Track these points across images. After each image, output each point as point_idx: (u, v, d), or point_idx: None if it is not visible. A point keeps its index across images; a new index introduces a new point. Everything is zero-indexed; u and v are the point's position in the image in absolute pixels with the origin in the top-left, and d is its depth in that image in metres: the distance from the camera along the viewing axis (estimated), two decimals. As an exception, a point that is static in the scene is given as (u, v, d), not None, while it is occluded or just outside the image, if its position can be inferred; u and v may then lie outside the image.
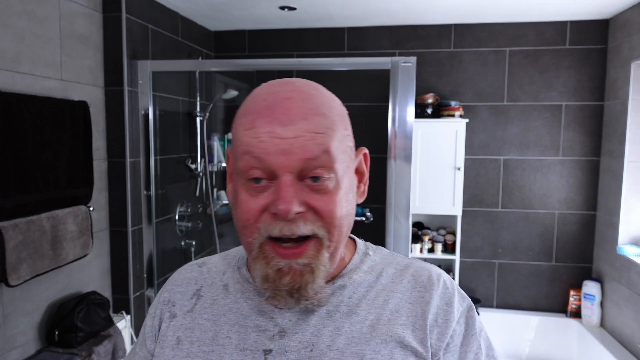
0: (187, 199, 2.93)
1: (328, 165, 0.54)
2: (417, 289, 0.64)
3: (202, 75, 3.01)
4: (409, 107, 2.14)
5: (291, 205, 0.53)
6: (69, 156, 1.94)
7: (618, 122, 2.76)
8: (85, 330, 1.95)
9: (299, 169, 0.54)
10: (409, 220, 2.19)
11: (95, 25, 2.21)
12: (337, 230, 0.57)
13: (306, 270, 0.56)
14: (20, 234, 1.67)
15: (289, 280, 0.56)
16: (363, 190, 0.64)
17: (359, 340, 0.59)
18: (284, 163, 0.53)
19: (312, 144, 0.53)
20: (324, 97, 0.58)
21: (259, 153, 0.53)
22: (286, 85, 0.57)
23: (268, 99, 0.55)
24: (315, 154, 0.53)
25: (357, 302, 0.62)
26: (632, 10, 2.65)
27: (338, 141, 0.56)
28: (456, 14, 2.88)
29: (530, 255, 3.16)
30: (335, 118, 0.57)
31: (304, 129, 0.53)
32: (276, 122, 0.53)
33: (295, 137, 0.53)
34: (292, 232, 0.54)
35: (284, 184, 0.53)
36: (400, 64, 2.13)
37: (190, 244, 2.91)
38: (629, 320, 2.65)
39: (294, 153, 0.53)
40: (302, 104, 0.55)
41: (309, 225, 0.55)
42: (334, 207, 0.55)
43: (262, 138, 0.53)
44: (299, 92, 0.56)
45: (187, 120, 2.96)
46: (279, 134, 0.53)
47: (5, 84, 1.71)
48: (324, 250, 0.56)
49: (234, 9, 2.83)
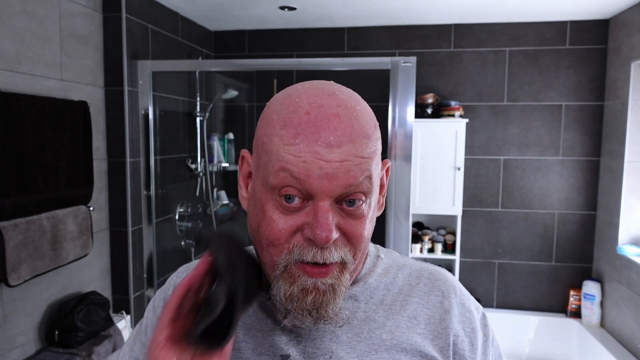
0: (187, 199, 2.93)
1: (368, 190, 0.52)
2: (434, 293, 0.63)
3: (202, 75, 3.01)
4: (409, 107, 2.14)
5: (331, 234, 0.50)
6: (69, 156, 1.94)
7: (618, 122, 2.76)
8: (85, 330, 1.95)
9: (339, 194, 0.51)
10: (409, 220, 2.19)
11: (95, 25, 2.21)
12: (361, 252, 0.56)
13: (329, 290, 0.54)
14: (20, 234, 1.67)
15: (312, 299, 0.53)
16: (382, 203, 0.62)
17: (379, 348, 0.58)
18: (326, 187, 0.50)
19: (358, 169, 0.50)
20: (367, 113, 0.54)
21: (299, 174, 0.50)
22: (331, 99, 0.52)
23: (312, 112, 0.51)
24: (359, 180, 0.51)
25: (374, 308, 0.61)
26: (632, 10, 2.65)
27: (377, 163, 0.54)
28: (456, 14, 2.88)
29: (530, 255, 3.16)
30: (376, 138, 0.54)
31: (351, 153, 0.50)
32: (322, 142, 0.49)
33: (341, 162, 0.49)
34: (324, 260, 0.52)
35: (323, 209, 0.50)
36: (400, 64, 2.13)
37: (190, 244, 2.91)
38: (629, 320, 2.65)
39: (338, 178, 0.50)
40: (349, 124, 0.51)
41: (339, 251, 0.53)
42: (363, 232, 0.54)
43: (304, 158, 0.49)
44: (345, 109, 0.52)
45: (187, 120, 2.96)
46: (323, 156, 0.49)
47: (6, 84, 1.71)
48: (346, 272, 0.55)
49: (234, 9, 2.83)
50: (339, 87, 0.56)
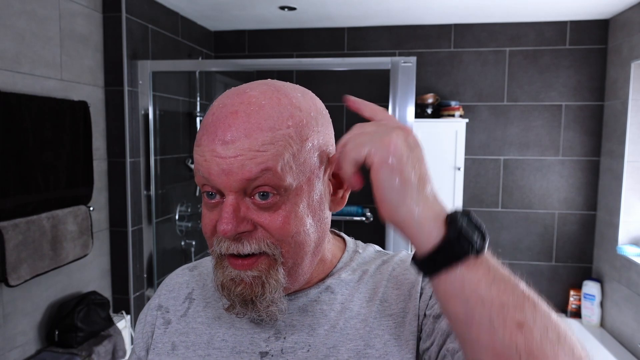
0: (187, 199, 2.93)
1: (273, 183, 0.52)
2: (403, 275, 0.64)
3: (202, 75, 3.01)
4: (409, 107, 2.14)
5: (229, 226, 0.52)
6: (69, 156, 1.94)
7: (618, 122, 2.76)
8: (85, 330, 1.95)
9: (241, 188, 0.52)
10: (409, 220, 2.19)
11: (95, 25, 2.21)
12: (293, 248, 0.55)
13: (255, 282, 0.55)
14: (20, 234, 1.67)
15: (240, 290, 0.55)
16: (342, 197, 0.61)
17: (354, 337, 0.59)
18: (225, 183, 0.52)
19: (252, 163, 0.51)
20: (279, 106, 0.54)
21: (204, 173, 0.53)
22: (237, 97, 0.54)
23: (216, 113, 0.53)
24: (254, 174, 0.51)
25: (349, 299, 0.62)
26: (632, 10, 2.65)
27: (291, 155, 0.53)
28: (456, 14, 2.88)
29: (530, 255, 3.16)
30: (288, 130, 0.53)
31: (244, 147, 0.51)
32: (217, 140, 0.52)
33: (235, 157, 0.51)
34: (238, 251, 0.54)
35: (226, 204, 0.53)
36: (400, 64, 2.13)
37: (190, 244, 2.91)
38: (629, 320, 2.65)
39: (233, 173, 0.51)
40: (246, 119, 0.52)
41: (254, 244, 0.54)
42: (284, 225, 0.54)
43: (206, 157, 0.52)
44: (247, 105, 0.53)
45: (187, 120, 2.96)
46: (219, 153, 0.51)
47: (6, 84, 1.71)
48: (277, 266, 0.55)
49: (234, 9, 2.83)
50: (262, 84, 0.57)
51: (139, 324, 0.70)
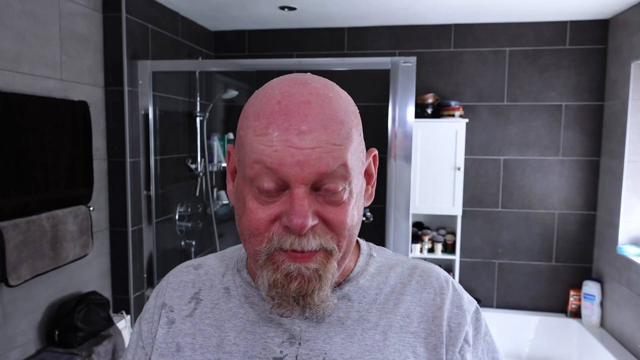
0: (187, 199, 2.93)
1: (344, 177, 0.52)
2: (426, 291, 0.63)
3: (202, 75, 3.01)
4: (409, 107, 2.14)
5: (306, 220, 0.50)
6: (69, 156, 1.94)
7: (618, 122, 2.76)
8: (85, 330, 1.95)
9: (313, 181, 0.51)
10: (409, 220, 2.19)
11: (95, 25, 2.21)
12: (347, 240, 0.55)
13: (314, 276, 0.53)
14: (20, 234, 1.67)
15: (297, 286, 0.53)
16: (371, 193, 0.61)
17: (372, 349, 0.58)
18: (299, 175, 0.50)
19: (330, 157, 0.50)
20: (341, 100, 0.54)
21: (272, 163, 0.50)
22: (303, 87, 0.52)
23: (283, 101, 0.51)
24: (331, 167, 0.50)
25: (367, 308, 0.61)
26: (632, 10, 2.65)
27: (354, 150, 0.53)
28: (456, 14, 2.88)
29: (530, 255, 3.16)
30: (352, 125, 0.53)
31: (322, 140, 0.50)
32: (292, 129, 0.49)
33: (313, 148, 0.49)
34: (302, 248, 0.52)
35: (298, 196, 0.50)
36: (400, 64, 2.13)
37: (190, 244, 2.91)
38: (629, 320, 2.65)
39: (310, 165, 0.49)
40: (321, 110, 0.51)
41: (318, 239, 0.53)
42: (345, 219, 0.53)
43: (276, 147, 0.49)
44: (317, 96, 0.51)
45: (187, 120, 2.96)
46: (295, 144, 0.49)
47: (6, 84, 1.71)
48: (332, 259, 0.54)
49: (234, 9, 2.83)
50: (313, 77, 0.56)
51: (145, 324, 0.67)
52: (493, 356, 0.65)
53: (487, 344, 0.64)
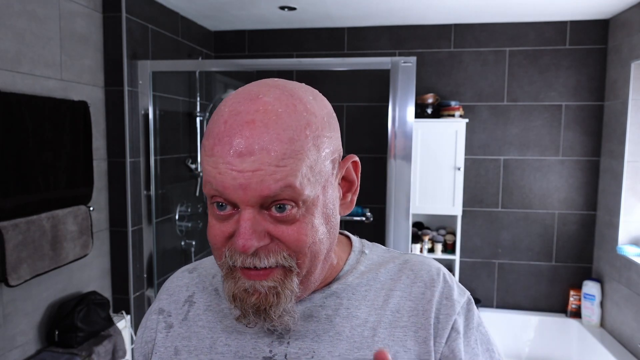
0: (187, 199, 2.93)
1: (292, 198, 0.50)
2: (417, 285, 0.62)
3: (202, 75, 3.01)
4: (409, 107, 2.14)
5: (248, 242, 0.50)
6: (69, 156, 1.94)
7: (618, 122, 2.76)
8: (85, 330, 1.95)
9: (259, 203, 0.50)
10: (409, 220, 2.19)
11: (95, 25, 2.21)
12: (309, 258, 0.54)
13: (270, 292, 0.54)
14: (20, 234, 1.67)
15: (254, 300, 0.54)
16: (351, 200, 0.60)
17: (361, 345, 0.58)
18: (242, 198, 0.49)
19: (272, 179, 0.48)
20: (296, 113, 0.51)
21: (218, 185, 0.50)
22: (251, 104, 0.50)
23: (229, 121, 0.50)
24: (274, 191, 0.49)
25: (356, 305, 0.61)
26: (632, 10, 2.65)
27: (308, 167, 0.51)
28: (456, 14, 2.88)
29: (530, 255, 3.16)
30: (306, 141, 0.50)
31: (264, 162, 0.48)
32: (233, 152, 0.48)
33: (253, 171, 0.48)
34: (255, 265, 0.52)
35: (243, 218, 0.50)
36: (400, 64, 2.13)
37: (190, 244, 2.91)
38: (629, 320, 2.65)
39: (252, 189, 0.49)
40: (265, 130, 0.49)
41: (272, 257, 0.52)
42: (301, 237, 0.52)
43: (220, 169, 0.49)
44: (264, 113, 0.49)
45: (187, 120, 2.96)
46: (235, 166, 0.48)
47: (6, 84, 1.71)
48: (292, 276, 0.54)
49: (234, 9, 2.83)
50: (273, 86, 0.54)
51: (139, 330, 0.69)
52: (487, 347, 0.63)
53: (480, 334, 0.63)
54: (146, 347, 0.66)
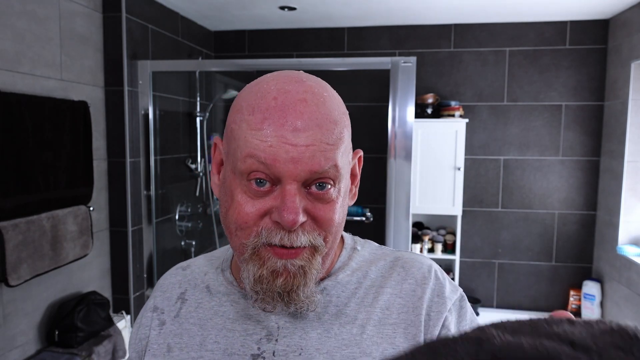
0: (187, 199, 2.93)
1: (335, 177, 0.53)
2: (408, 282, 0.62)
3: (202, 75, 3.01)
4: (409, 107, 2.14)
5: (297, 217, 0.51)
6: (69, 156, 1.94)
7: (618, 122, 2.76)
8: (85, 330, 1.95)
9: (305, 179, 0.51)
10: (409, 220, 2.19)
11: (95, 25, 2.21)
12: (333, 237, 0.56)
13: (299, 272, 0.54)
14: (20, 234, 1.67)
15: (282, 282, 0.54)
16: (354, 193, 0.63)
17: (349, 343, 0.58)
18: (291, 172, 0.50)
19: (322, 156, 0.51)
20: (335, 100, 0.55)
21: (266, 159, 0.50)
22: (299, 85, 0.53)
23: (279, 97, 0.51)
24: (323, 167, 0.51)
25: (345, 302, 0.61)
26: (632, 10, 2.65)
27: (344, 151, 0.54)
28: (456, 14, 2.88)
29: (530, 255, 3.16)
30: (344, 125, 0.54)
31: (317, 138, 0.50)
32: (288, 126, 0.50)
33: (307, 146, 0.50)
34: (291, 243, 0.53)
35: (290, 193, 0.51)
36: (400, 64, 2.13)
37: (190, 244, 2.91)
38: (629, 320, 2.64)
39: (303, 163, 0.50)
40: (316, 109, 0.51)
41: (307, 235, 0.53)
42: (333, 216, 0.55)
43: (271, 142, 0.50)
44: (312, 94, 0.52)
45: (187, 120, 2.96)
46: (289, 140, 0.50)
47: (6, 84, 1.71)
48: (317, 255, 0.55)
49: (234, 9, 2.83)
50: (308, 75, 0.57)
51: (134, 327, 0.70)
52: None
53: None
54: (140, 345, 0.67)
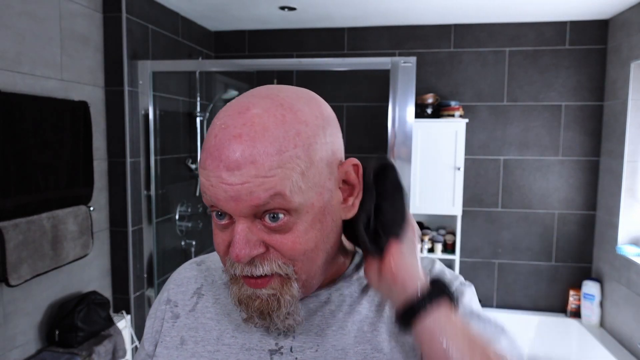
0: (187, 199, 2.93)
1: (283, 206, 0.51)
2: None
3: (202, 75, 3.01)
4: (409, 107, 2.14)
5: (241, 252, 0.52)
6: (69, 156, 1.94)
7: (618, 122, 2.77)
8: (85, 330, 1.95)
9: (251, 213, 0.52)
10: (408, 220, 2.19)
11: (95, 25, 2.21)
12: (306, 264, 0.55)
13: (271, 299, 0.56)
14: (20, 233, 1.67)
15: (258, 305, 0.56)
16: (353, 204, 0.59)
17: (362, 340, 0.60)
18: (234, 209, 0.51)
19: (260, 189, 0.50)
20: (285, 124, 0.51)
21: (212, 197, 0.52)
22: (240, 117, 0.51)
23: (219, 135, 0.51)
24: (264, 200, 0.50)
25: (358, 301, 0.63)
26: (632, 10, 2.65)
27: (299, 174, 0.51)
28: (456, 14, 2.88)
29: (530, 255, 3.16)
30: (295, 150, 0.51)
31: (251, 175, 0.49)
32: (222, 166, 0.50)
33: (242, 184, 0.50)
34: (252, 274, 0.54)
35: (237, 230, 0.52)
36: (400, 64, 2.13)
37: (190, 244, 2.91)
38: (628, 320, 2.65)
39: (242, 200, 0.50)
40: (251, 144, 0.49)
41: (267, 265, 0.54)
42: (295, 245, 0.53)
43: (212, 182, 0.51)
44: (250, 127, 0.50)
45: (187, 120, 2.96)
46: (225, 180, 0.50)
47: (6, 84, 1.71)
48: (291, 282, 0.55)
49: (234, 9, 2.83)
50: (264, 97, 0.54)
51: (148, 320, 0.71)
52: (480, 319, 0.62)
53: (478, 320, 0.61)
54: (156, 336, 0.68)
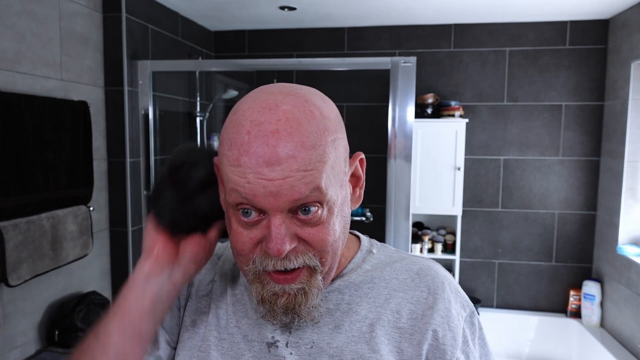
0: (187, 199, 2.92)
1: (319, 199, 0.53)
2: (420, 289, 0.64)
3: (202, 75, 3.01)
4: (409, 107, 2.14)
5: (283, 246, 0.52)
6: (69, 156, 1.94)
7: (618, 122, 2.76)
8: (85, 330, 1.95)
9: (289, 208, 0.52)
10: (409, 220, 2.19)
11: (95, 25, 2.21)
12: (330, 255, 0.57)
13: (299, 293, 0.57)
14: (20, 234, 1.67)
15: (284, 302, 0.57)
16: (359, 195, 0.63)
17: (358, 340, 0.60)
18: (273, 205, 0.51)
19: (301, 183, 0.51)
20: (314, 120, 0.53)
21: (247, 194, 0.51)
22: (272, 114, 0.51)
23: (252, 131, 0.51)
24: (304, 194, 0.51)
25: (357, 301, 0.63)
26: (632, 10, 2.65)
27: (331, 168, 0.53)
28: (456, 14, 2.88)
29: (530, 255, 3.16)
30: (327, 142, 0.53)
31: (293, 169, 0.50)
32: (262, 162, 0.50)
33: (284, 179, 0.50)
34: (285, 267, 0.55)
35: (274, 224, 0.52)
36: (400, 64, 2.13)
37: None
38: (629, 320, 2.65)
39: (283, 195, 0.51)
40: (290, 139, 0.50)
41: (300, 258, 0.55)
42: (325, 237, 0.55)
43: (248, 179, 0.51)
44: (286, 122, 0.51)
45: (187, 120, 2.96)
46: (265, 175, 0.50)
47: (6, 84, 1.71)
48: (317, 275, 0.57)
49: (234, 9, 2.83)
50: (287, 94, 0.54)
51: None
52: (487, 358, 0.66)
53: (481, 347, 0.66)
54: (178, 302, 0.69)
